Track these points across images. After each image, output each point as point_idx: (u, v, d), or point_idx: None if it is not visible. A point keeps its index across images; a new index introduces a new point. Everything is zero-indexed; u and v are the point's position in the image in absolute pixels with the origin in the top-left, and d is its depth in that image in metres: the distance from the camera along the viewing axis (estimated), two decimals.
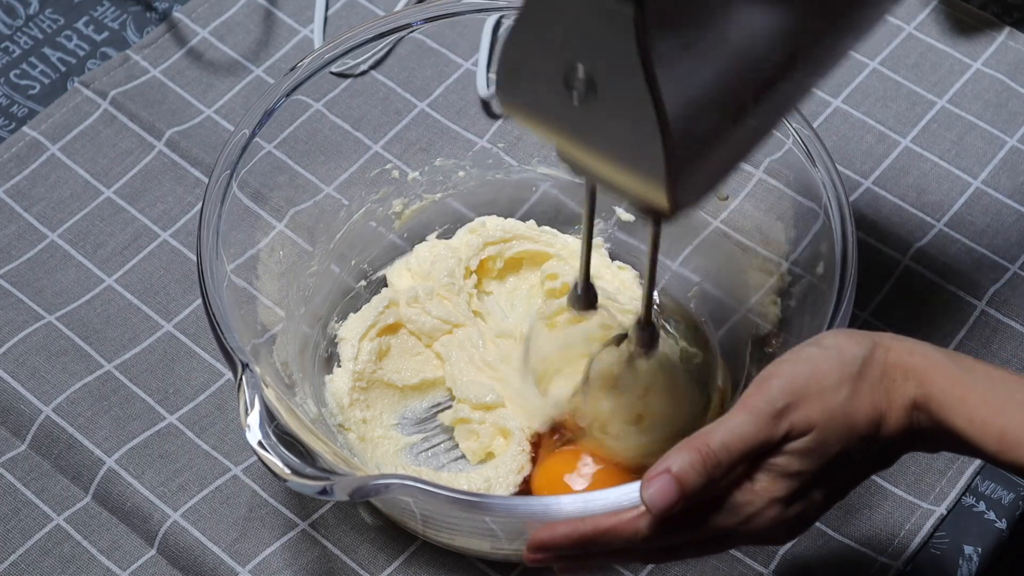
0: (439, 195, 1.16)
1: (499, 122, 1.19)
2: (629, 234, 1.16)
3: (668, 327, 1.07)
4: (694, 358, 1.05)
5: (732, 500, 0.83)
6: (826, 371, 0.83)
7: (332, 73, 1.08)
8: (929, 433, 0.84)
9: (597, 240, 1.15)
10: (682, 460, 0.81)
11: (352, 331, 1.10)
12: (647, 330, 0.94)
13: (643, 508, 0.83)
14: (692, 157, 0.76)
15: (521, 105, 0.79)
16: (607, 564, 1.02)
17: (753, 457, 0.83)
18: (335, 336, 1.10)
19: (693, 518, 0.83)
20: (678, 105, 0.73)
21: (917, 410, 0.84)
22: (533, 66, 0.77)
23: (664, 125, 0.73)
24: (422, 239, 1.15)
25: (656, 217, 0.83)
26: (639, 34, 0.71)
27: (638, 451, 1.01)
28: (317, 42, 1.26)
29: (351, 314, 1.11)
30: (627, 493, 0.85)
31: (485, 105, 1.19)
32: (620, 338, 0.99)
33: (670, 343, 1.04)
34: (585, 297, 0.96)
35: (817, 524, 1.04)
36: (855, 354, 0.84)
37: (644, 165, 0.76)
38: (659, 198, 0.77)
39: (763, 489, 0.82)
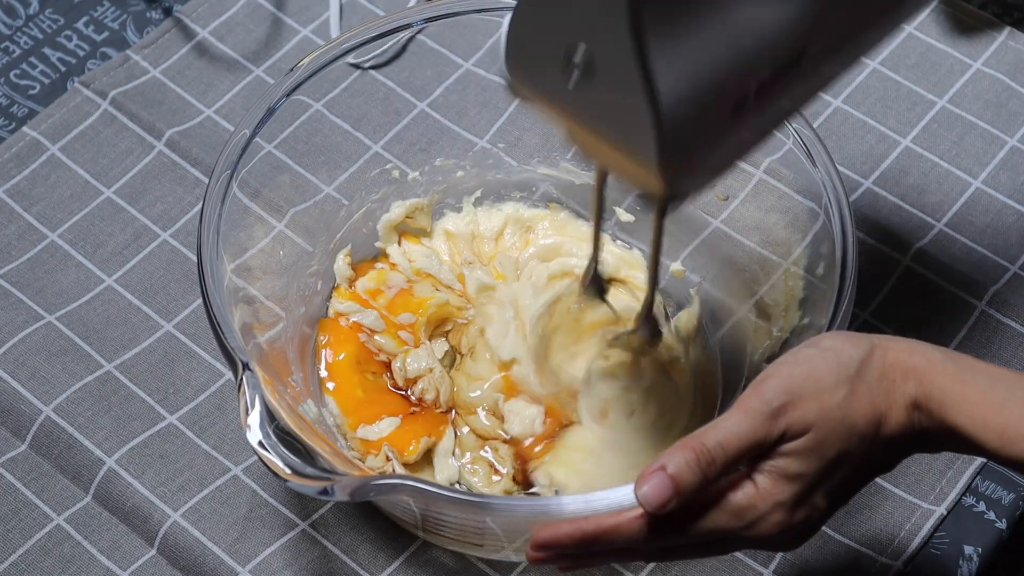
0: (438, 195, 1.16)
1: (499, 122, 1.19)
2: (629, 235, 1.16)
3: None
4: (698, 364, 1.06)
5: (735, 503, 0.83)
6: (823, 372, 0.83)
7: (350, 64, 1.08)
8: (930, 433, 0.84)
9: (605, 236, 1.16)
10: (677, 459, 0.81)
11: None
12: (648, 325, 0.96)
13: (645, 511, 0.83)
14: (686, 146, 0.77)
15: (528, 84, 0.80)
16: (609, 562, 1.02)
17: (751, 458, 0.83)
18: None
19: (694, 519, 0.83)
20: (673, 93, 0.74)
21: (918, 410, 0.84)
22: (536, 45, 0.77)
23: (656, 111, 0.74)
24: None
25: (658, 205, 0.84)
26: (633, 17, 0.71)
27: (625, 448, 1.03)
28: (334, 32, 1.26)
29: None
30: (629, 493, 0.85)
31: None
32: (628, 331, 1.00)
33: (677, 348, 1.06)
34: (595, 285, 0.99)
35: None
36: (852, 355, 0.84)
37: (638, 150, 0.77)
38: (653, 184, 0.78)
39: (766, 493, 0.82)
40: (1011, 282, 1.16)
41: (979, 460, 1.07)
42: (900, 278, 1.16)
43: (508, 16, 0.78)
